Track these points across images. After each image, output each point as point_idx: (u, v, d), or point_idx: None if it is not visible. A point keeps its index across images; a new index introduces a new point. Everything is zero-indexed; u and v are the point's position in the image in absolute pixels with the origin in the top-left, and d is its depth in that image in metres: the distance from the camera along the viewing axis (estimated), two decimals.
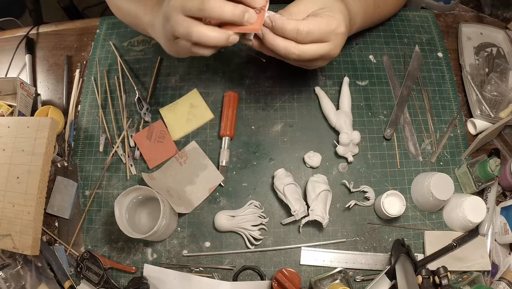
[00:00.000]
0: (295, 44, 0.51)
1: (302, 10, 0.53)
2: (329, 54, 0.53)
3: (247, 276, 0.64)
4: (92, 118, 0.76)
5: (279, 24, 0.49)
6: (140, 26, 0.64)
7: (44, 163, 0.64)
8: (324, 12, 0.52)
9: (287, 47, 0.51)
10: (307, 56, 0.52)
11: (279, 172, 0.67)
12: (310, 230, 0.66)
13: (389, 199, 0.63)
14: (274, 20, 0.49)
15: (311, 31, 0.50)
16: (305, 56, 0.52)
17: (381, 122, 0.73)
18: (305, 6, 0.53)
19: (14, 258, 0.64)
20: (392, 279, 0.58)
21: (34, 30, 0.86)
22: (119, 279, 0.65)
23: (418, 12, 0.83)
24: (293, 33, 0.50)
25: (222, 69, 0.78)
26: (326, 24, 0.51)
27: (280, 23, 0.49)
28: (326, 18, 0.51)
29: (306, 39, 0.50)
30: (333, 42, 0.52)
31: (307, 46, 0.51)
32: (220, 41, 0.48)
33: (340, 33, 0.52)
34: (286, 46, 0.51)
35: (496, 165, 0.62)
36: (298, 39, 0.50)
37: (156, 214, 0.59)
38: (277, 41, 0.51)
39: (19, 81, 0.72)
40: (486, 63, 0.77)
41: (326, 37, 0.51)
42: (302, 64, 0.57)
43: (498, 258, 0.64)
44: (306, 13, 0.53)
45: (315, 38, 0.51)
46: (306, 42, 0.51)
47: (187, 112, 0.73)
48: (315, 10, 0.53)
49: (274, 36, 0.51)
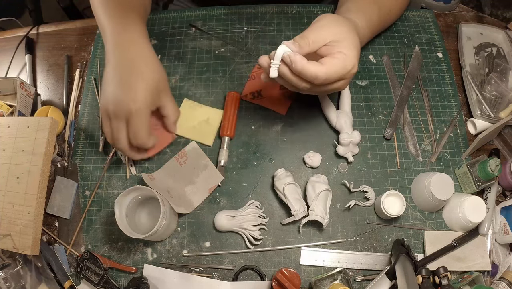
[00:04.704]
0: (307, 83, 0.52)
1: (320, 40, 0.52)
2: (338, 89, 0.55)
3: (247, 276, 0.64)
4: (92, 118, 0.76)
5: (299, 68, 0.49)
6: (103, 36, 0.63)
7: (44, 163, 0.64)
8: (341, 48, 0.52)
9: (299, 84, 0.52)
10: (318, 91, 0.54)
11: (279, 172, 0.67)
12: (310, 230, 0.66)
13: (389, 199, 0.63)
14: (295, 62, 0.49)
15: (328, 78, 0.50)
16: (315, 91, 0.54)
17: (381, 122, 0.73)
18: (323, 36, 0.53)
19: (14, 258, 0.64)
20: (392, 279, 0.58)
21: (34, 30, 0.86)
22: (119, 279, 0.65)
23: (418, 12, 0.83)
24: (311, 79, 0.50)
25: (222, 69, 0.78)
26: (342, 67, 0.51)
27: (300, 67, 0.49)
28: (343, 59, 0.51)
29: (322, 84, 0.51)
30: (346, 80, 0.54)
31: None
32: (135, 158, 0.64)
33: (353, 73, 0.53)
34: (298, 82, 0.52)
35: (496, 165, 0.62)
36: (315, 83, 0.51)
37: (156, 214, 0.59)
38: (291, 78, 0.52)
39: (19, 81, 0.72)
40: (486, 63, 0.77)
41: (341, 78, 0.52)
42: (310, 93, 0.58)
43: (498, 258, 0.64)
44: (324, 42, 0.52)
45: (332, 82, 0.52)
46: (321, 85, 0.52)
47: (198, 122, 0.73)
48: (332, 40, 0.52)
49: (290, 75, 0.51)
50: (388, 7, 0.71)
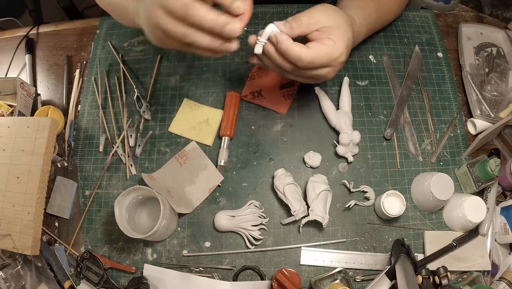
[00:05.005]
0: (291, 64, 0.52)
1: (313, 23, 0.52)
2: (324, 77, 0.55)
3: (247, 276, 0.64)
4: (92, 118, 0.76)
5: (283, 47, 0.49)
6: (126, 15, 0.61)
7: (44, 163, 0.64)
8: (331, 36, 0.52)
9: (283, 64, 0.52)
10: (301, 75, 0.54)
11: (279, 172, 0.67)
12: (310, 230, 0.66)
13: (389, 199, 0.63)
14: (280, 41, 0.49)
15: (313, 61, 0.50)
16: (299, 74, 0.54)
17: (381, 122, 0.73)
18: (317, 20, 0.52)
19: (14, 258, 0.64)
20: (392, 279, 0.58)
21: (34, 30, 0.86)
22: (119, 279, 0.65)
23: (418, 12, 0.83)
24: (295, 60, 0.50)
25: (222, 69, 0.78)
26: (329, 53, 0.51)
27: (285, 46, 0.49)
28: (331, 46, 0.51)
29: (306, 67, 0.51)
30: (331, 68, 0.53)
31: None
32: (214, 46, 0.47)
33: (340, 62, 0.53)
34: (282, 62, 0.52)
35: (496, 165, 0.62)
36: (299, 65, 0.51)
37: (156, 214, 0.59)
38: (276, 57, 0.52)
39: (19, 81, 0.72)
40: (486, 63, 0.77)
41: (327, 65, 0.52)
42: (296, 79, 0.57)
43: (498, 258, 0.64)
44: (316, 26, 0.52)
45: (315, 67, 0.52)
46: (305, 69, 0.52)
47: (198, 122, 0.72)
48: (324, 26, 0.52)
49: (275, 53, 0.51)
50: (387, 5, 0.71)
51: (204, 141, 0.71)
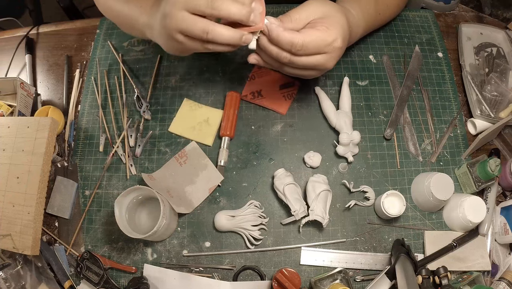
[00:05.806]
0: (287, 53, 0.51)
1: (303, 17, 0.52)
2: (323, 66, 0.54)
3: (247, 276, 0.64)
4: (92, 118, 0.76)
5: (274, 35, 0.49)
6: (136, 27, 0.63)
7: (44, 163, 0.64)
8: (324, 24, 0.52)
9: (279, 54, 0.51)
10: (299, 65, 0.53)
11: (279, 172, 0.67)
12: (310, 230, 0.66)
13: (389, 199, 0.63)
14: (271, 30, 0.49)
15: (305, 45, 0.50)
16: (297, 64, 0.53)
17: (381, 122, 0.73)
18: (307, 13, 0.53)
19: (14, 258, 0.64)
20: (392, 279, 0.58)
21: (34, 30, 0.86)
22: (119, 279, 0.65)
23: (418, 12, 0.83)
24: (287, 46, 0.50)
25: (222, 69, 0.77)
26: (322, 38, 0.51)
27: (275, 34, 0.49)
28: (323, 31, 0.51)
29: (300, 52, 0.51)
30: (328, 55, 0.53)
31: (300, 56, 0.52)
32: (234, 40, 0.48)
33: (336, 47, 0.53)
34: (278, 53, 0.51)
35: (496, 165, 0.62)
36: (292, 51, 0.51)
37: (156, 214, 0.59)
38: (270, 48, 0.51)
39: (19, 81, 0.72)
40: (486, 63, 0.77)
41: (321, 50, 0.52)
42: (297, 73, 0.57)
43: (498, 258, 0.64)
44: (307, 20, 0.52)
45: (310, 52, 0.51)
46: (300, 54, 0.51)
47: (198, 122, 0.72)
48: (316, 18, 0.52)
49: (268, 44, 0.51)
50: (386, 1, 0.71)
51: (204, 141, 0.71)
